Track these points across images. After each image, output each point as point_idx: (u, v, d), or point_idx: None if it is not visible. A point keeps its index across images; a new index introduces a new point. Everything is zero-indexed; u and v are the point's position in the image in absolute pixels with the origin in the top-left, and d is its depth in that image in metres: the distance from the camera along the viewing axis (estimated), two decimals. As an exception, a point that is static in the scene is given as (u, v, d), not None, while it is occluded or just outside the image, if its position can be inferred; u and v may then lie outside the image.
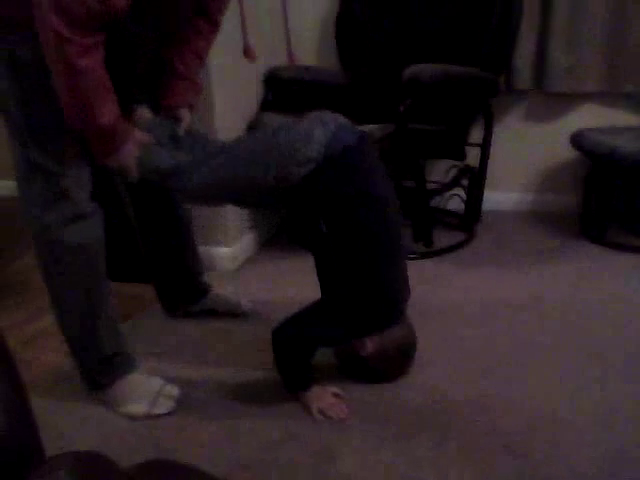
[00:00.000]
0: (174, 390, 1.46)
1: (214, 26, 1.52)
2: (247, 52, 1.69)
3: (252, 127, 2.28)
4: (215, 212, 2.19)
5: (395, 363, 1.49)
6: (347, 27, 2.65)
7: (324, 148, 1.30)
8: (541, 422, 1.35)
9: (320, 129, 1.33)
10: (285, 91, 2.37)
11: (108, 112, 1.25)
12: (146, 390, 1.45)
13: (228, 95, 2.09)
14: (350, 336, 1.43)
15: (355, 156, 1.35)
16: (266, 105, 2.38)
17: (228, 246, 2.24)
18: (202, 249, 2.24)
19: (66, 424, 1.40)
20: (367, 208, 1.35)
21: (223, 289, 1.94)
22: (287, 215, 2.53)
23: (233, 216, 2.25)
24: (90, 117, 1.24)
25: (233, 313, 1.86)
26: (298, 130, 1.35)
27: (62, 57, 1.16)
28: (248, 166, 1.36)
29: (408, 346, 1.49)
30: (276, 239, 2.54)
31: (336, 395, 1.43)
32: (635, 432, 1.31)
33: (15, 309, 1.97)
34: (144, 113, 1.46)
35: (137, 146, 1.37)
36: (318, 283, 1.45)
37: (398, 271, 1.44)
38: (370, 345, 1.42)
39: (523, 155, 2.77)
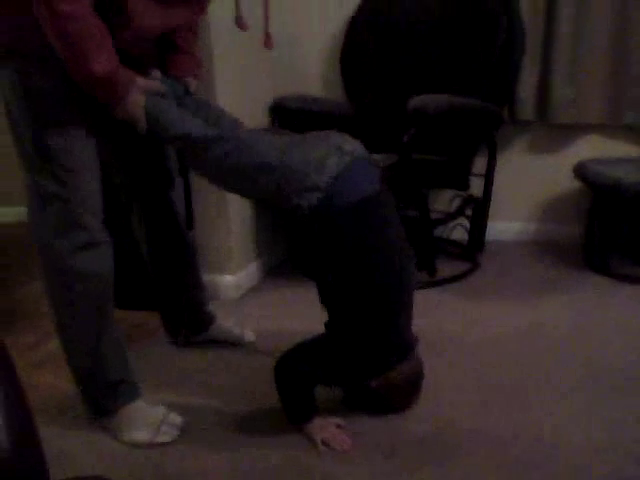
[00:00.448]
0: (177, 419, 1.46)
1: (203, 10, 1.53)
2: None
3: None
4: (220, 240, 2.21)
5: (403, 394, 1.47)
6: (352, 59, 2.70)
7: (333, 179, 1.28)
8: (545, 448, 1.34)
9: (335, 158, 1.30)
10: (291, 121, 2.40)
11: (103, 60, 1.23)
12: (149, 418, 1.44)
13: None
14: (355, 379, 1.42)
15: (369, 206, 1.32)
16: (272, 135, 2.40)
17: (232, 274, 2.25)
18: (206, 277, 2.24)
19: (71, 448, 1.40)
20: (378, 260, 1.33)
21: (226, 319, 1.93)
22: (292, 245, 2.54)
23: (238, 244, 2.27)
24: (83, 65, 1.23)
25: (236, 344, 1.87)
26: (314, 154, 1.31)
27: (46, 3, 1.16)
28: (256, 168, 1.33)
29: (416, 377, 1.47)
30: (281, 268, 2.55)
31: (339, 426, 1.41)
32: (638, 454, 1.30)
33: (23, 334, 1.98)
34: (157, 75, 1.47)
35: (143, 94, 1.35)
36: (320, 314, 1.45)
37: (407, 318, 1.43)
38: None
39: (527, 185, 2.79)
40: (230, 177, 1.40)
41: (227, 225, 2.19)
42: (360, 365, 1.38)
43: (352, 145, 1.35)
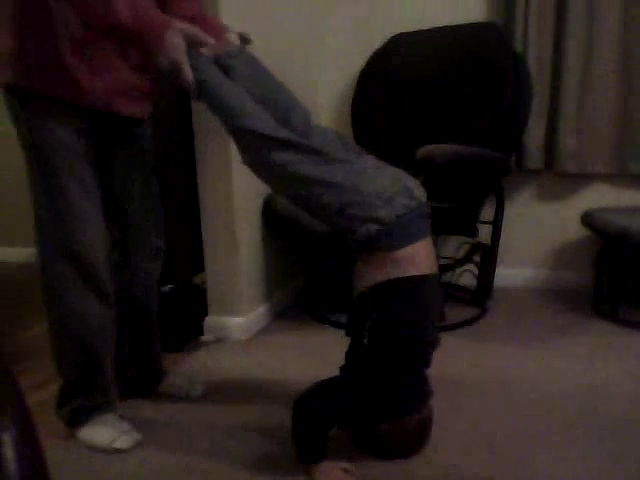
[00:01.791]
0: (139, 437, 1.55)
1: None
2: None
3: (268, 202, 2.35)
4: (230, 282, 2.24)
5: (412, 439, 1.46)
6: (362, 109, 2.77)
7: (397, 218, 1.31)
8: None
9: (404, 199, 1.32)
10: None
11: (125, 5, 1.20)
12: (115, 428, 1.54)
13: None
14: (371, 422, 1.42)
15: (415, 287, 1.36)
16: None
17: (242, 316, 2.27)
18: (216, 318, 2.27)
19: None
20: (413, 335, 1.37)
21: (233, 359, 1.92)
22: (309, 287, 2.56)
23: (248, 286, 2.29)
24: (110, 14, 1.19)
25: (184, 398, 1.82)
26: (386, 188, 1.33)
27: None
28: (325, 184, 1.33)
29: (426, 423, 1.47)
30: (290, 310, 2.57)
31: (346, 470, 1.40)
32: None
33: (30, 373, 1.99)
34: (233, 38, 1.43)
35: (182, 38, 1.28)
36: (328, 357, 1.47)
37: (425, 374, 1.45)
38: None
39: (535, 232, 2.82)
40: (291, 184, 1.37)
41: (237, 267, 2.22)
42: (379, 410, 1.39)
43: (420, 191, 1.38)
